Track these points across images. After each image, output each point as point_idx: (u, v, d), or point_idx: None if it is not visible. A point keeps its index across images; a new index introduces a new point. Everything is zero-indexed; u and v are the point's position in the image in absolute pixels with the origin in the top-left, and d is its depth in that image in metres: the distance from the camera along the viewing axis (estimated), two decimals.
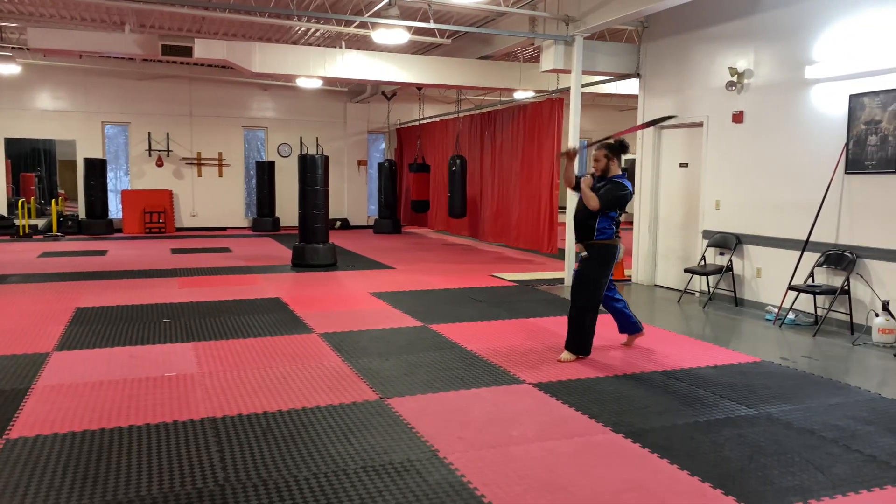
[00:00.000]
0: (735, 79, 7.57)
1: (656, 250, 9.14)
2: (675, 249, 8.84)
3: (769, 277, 7.30)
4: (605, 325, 6.64)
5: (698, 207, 8.27)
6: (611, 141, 5.36)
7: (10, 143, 15.07)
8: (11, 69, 12.91)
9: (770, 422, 4.03)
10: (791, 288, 6.69)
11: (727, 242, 7.76)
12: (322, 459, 3.40)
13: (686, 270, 8.04)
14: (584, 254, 5.25)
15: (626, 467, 3.37)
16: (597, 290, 5.27)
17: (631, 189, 5.25)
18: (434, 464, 3.36)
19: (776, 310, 6.89)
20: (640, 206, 9.27)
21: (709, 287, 7.95)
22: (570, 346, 5.37)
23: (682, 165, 8.65)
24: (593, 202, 5.13)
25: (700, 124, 8.21)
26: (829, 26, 6.61)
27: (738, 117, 7.65)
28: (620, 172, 5.30)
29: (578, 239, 5.31)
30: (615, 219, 5.27)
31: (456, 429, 3.83)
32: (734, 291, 7.70)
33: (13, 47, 13.21)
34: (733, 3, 7.68)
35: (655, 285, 9.12)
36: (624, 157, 5.42)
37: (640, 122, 9.17)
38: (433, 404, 4.23)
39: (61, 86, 15.09)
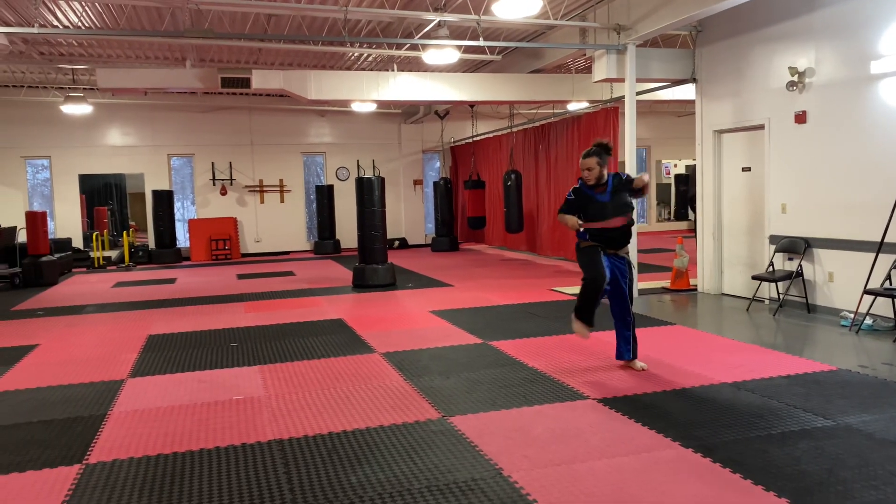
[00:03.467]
0: (796, 78, 7.35)
1: (722, 257, 8.90)
2: (742, 256, 8.58)
3: (842, 281, 7.01)
4: (668, 337, 6.50)
5: (763, 212, 8.02)
6: (594, 148, 5.28)
7: (83, 179, 15.83)
8: (83, 109, 13.60)
9: (849, 433, 3.85)
10: (867, 292, 6.40)
11: (796, 247, 7.49)
12: (387, 479, 3.41)
13: (754, 277, 7.79)
14: (627, 256, 5.33)
15: (696, 483, 3.27)
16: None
17: None
18: (499, 482, 3.33)
19: (852, 315, 6.61)
20: (703, 213, 9.05)
21: (778, 294, 7.68)
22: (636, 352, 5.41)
23: (744, 169, 8.42)
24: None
25: (761, 127, 7.99)
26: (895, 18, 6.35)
27: (800, 118, 7.41)
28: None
29: (619, 247, 5.24)
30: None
31: (519, 446, 3.79)
32: (805, 297, 7.42)
33: (84, 88, 13.95)
34: (790, 2, 7.47)
35: (722, 294, 8.87)
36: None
37: (698, 127, 9.01)
38: (495, 422, 4.20)
39: (129, 122, 15.78)
